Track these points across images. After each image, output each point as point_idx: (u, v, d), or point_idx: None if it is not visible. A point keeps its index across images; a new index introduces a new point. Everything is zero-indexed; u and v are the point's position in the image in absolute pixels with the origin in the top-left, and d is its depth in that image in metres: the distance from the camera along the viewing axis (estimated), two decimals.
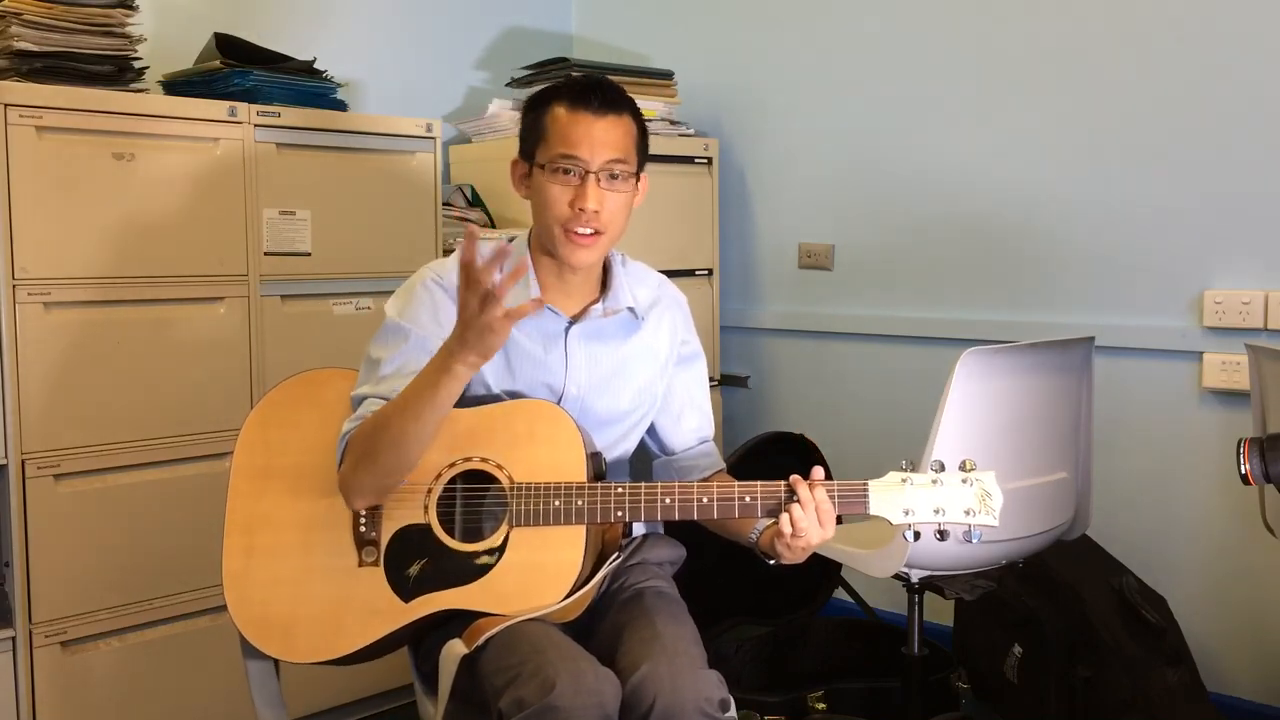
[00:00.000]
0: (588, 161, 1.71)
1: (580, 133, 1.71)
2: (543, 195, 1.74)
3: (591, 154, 1.71)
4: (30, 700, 2.28)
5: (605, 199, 1.72)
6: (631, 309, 1.83)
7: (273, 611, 1.69)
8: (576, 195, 1.71)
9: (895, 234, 3.18)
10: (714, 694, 1.56)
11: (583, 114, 1.72)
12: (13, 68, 2.28)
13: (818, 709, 2.62)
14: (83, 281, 2.31)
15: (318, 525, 1.70)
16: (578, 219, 1.71)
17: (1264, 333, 2.56)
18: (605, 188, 1.72)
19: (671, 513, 1.64)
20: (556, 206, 1.72)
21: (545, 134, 1.74)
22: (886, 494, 1.61)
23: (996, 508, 1.62)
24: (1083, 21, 2.81)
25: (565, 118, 1.73)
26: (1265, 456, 1.62)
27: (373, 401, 1.68)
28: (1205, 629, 2.66)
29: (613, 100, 1.75)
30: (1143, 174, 2.73)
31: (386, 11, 3.33)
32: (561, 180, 1.72)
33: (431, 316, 1.74)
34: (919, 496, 1.61)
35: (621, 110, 1.76)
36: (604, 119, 1.73)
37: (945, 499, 1.61)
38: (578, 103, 1.73)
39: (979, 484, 1.62)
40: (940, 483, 1.61)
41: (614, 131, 1.73)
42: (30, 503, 2.26)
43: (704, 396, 1.95)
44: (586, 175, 1.71)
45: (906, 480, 1.61)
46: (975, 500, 1.61)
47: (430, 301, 1.75)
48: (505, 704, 1.50)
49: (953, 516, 1.61)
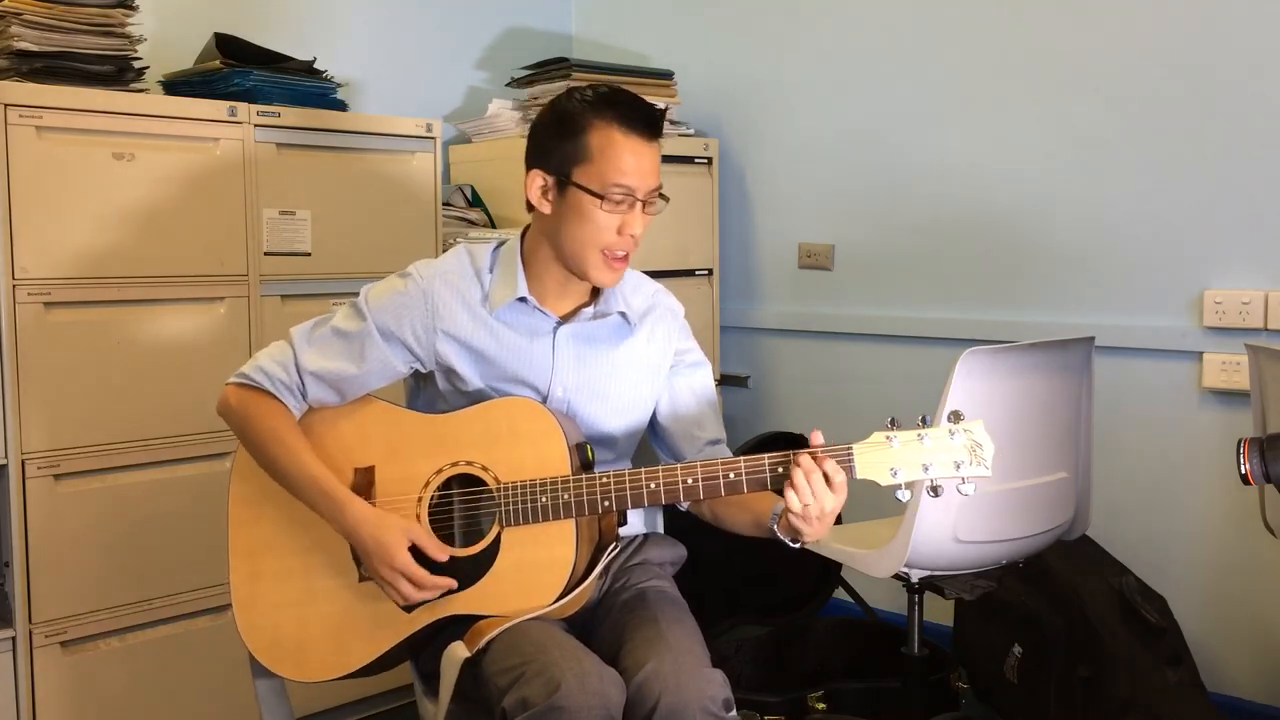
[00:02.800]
0: (638, 190, 1.69)
1: (633, 162, 1.68)
2: (584, 217, 1.69)
3: (643, 182, 1.69)
4: (30, 700, 2.28)
5: (646, 223, 1.72)
6: (623, 314, 1.81)
7: (283, 635, 1.71)
8: (625, 223, 1.69)
9: (895, 234, 3.18)
10: (718, 693, 1.56)
11: (637, 142, 1.68)
12: (13, 68, 2.28)
13: (818, 709, 2.62)
14: (83, 281, 2.31)
15: (316, 546, 1.72)
16: (622, 244, 1.71)
17: (1264, 333, 2.56)
18: (648, 213, 1.72)
19: (658, 497, 1.62)
20: (604, 233, 1.69)
21: (592, 155, 1.68)
22: (872, 455, 1.56)
23: (988, 457, 1.55)
24: (1083, 22, 2.81)
25: (618, 142, 1.67)
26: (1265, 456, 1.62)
27: (287, 364, 1.74)
28: (1205, 629, 2.66)
29: (660, 126, 1.72)
30: (1143, 174, 2.73)
31: (386, 11, 3.32)
32: (612, 208, 1.69)
33: (394, 315, 1.75)
34: (905, 454, 1.55)
35: (661, 134, 1.74)
36: (653, 145, 1.71)
37: (932, 454, 1.55)
38: (629, 128, 1.68)
39: (968, 435, 1.56)
40: (926, 438, 1.56)
41: (658, 159, 1.72)
42: (30, 503, 2.26)
43: (714, 404, 1.93)
44: (635, 203, 1.69)
45: (891, 438, 1.56)
46: (965, 452, 1.55)
47: (402, 301, 1.76)
48: (510, 703, 1.50)
49: (941, 471, 1.55)
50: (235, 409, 1.75)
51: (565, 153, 1.70)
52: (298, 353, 1.75)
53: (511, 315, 1.77)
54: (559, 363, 1.78)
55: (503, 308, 1.77)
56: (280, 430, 1.71)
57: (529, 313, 1.78)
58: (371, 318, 1.75)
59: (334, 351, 1.74)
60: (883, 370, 3.22)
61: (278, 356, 1.75)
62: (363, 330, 1.74)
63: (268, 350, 1.78)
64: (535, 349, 1.78)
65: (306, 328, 1.78)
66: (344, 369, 1.73)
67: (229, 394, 1.77)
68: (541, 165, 1.73)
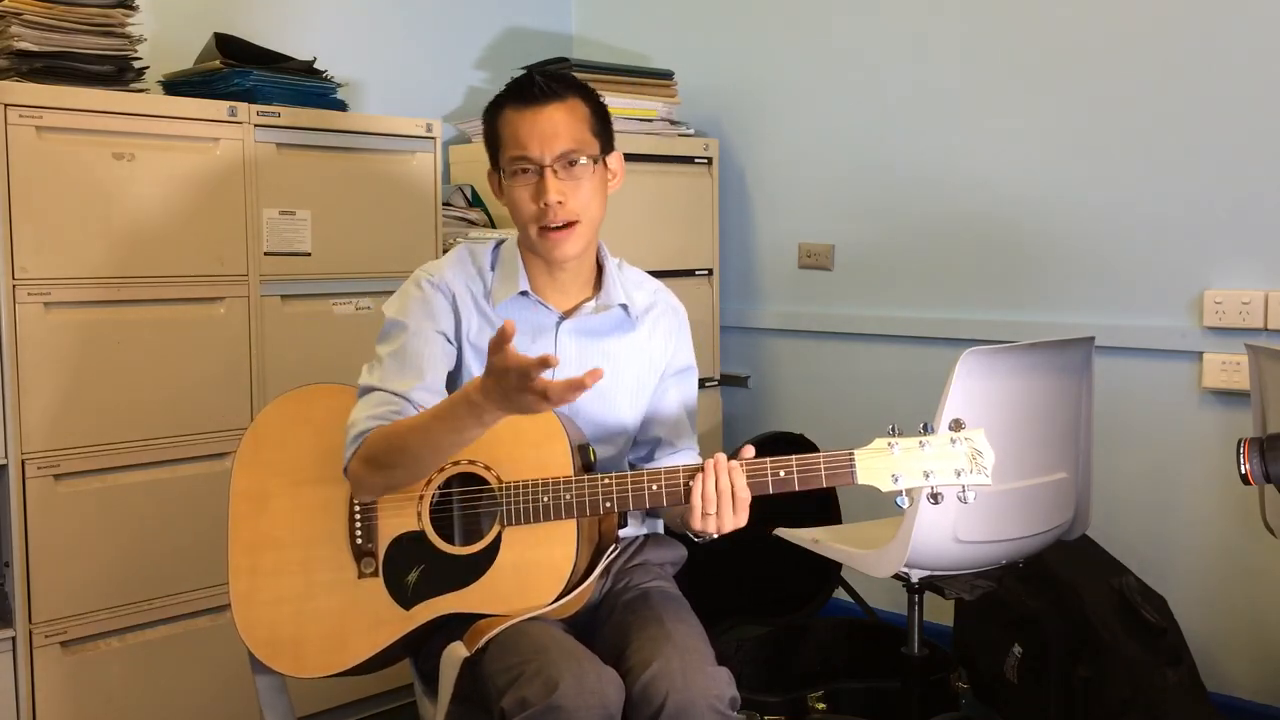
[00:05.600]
0: (540, 157, 1.72)
1: (526, 130, 1.72)
2: (510, 199, 1.76)
3: (542, 149, 1.71)
4: (30, 700, 2.28)
5: (568, 189, 1.72)
6: (625, 307, 1.83)
7: (281, 631, 1.71)
8: (537, 191, 1.72)
9: (895, 234, 3.18)
10: (725, 691, 1.57)
11: (524, 110, 1.73)
12: (13, 68, 2.28)
13: (818, 709, 2.62)
14: (83, 281, 2.31)
15: (316, 541, 1.72)
16: (545, 214, 1.72)
17: (1264, 333, 2.56)
18: (564, 178, 1.73)
19: (660, 499, 1.63)
20: (523, 207, 1.74)
21: (500, 139, 1.76)
22: (873, 461, 1.58)
23: (988, 465, 1.58)
24: (1082, 21, 2.81)
25: (512, 118, 1.74)
26: (1265, 456, 1.62)
27: (382, 395, 1.70)
28: (1205, 629, 2.66)
29: (552, 89, 1.74)
30: (1143, 174, 2.73)
31: (386, 11, 3.32)
32: (521, 181, 1.74)
33: (425, 312, 1.77)
34: (906, 461, 1.58)
35: (565, 95, 1.75)
36: (545, 110, 1.73)
37: (934, 461, 1.58)
38: (518, 101, 1.74)
39: (968, 443, 1.58)
40: (927, 445, 1.58)
41: (560, 120, 1.73)
42: (30, 503, 2.26)
43: (694, 414, 1.96)
44: (543, 170, 1.72)
45: (893, 445, 1.58)
46: (965, 460, 1.58)
47: (423, 298, 1.78)
48: (508, 703, 1.50)
49: (943, 478, 1.58)
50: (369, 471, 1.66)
51: (492, 147, 1.79)
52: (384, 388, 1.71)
53: (514, 311, 1.78)
54: (563, 357, 1.79)
55: (505, 303, 1.78)
56: (387, 438, 1.65)
57: (531, 307, 1.79)
58: (408, 321, 1.76)
59: (401, 367, 1.73)
60: (883, 370, 3.22)
61: (360, 411, 1.70)
62: (410, 333, 1.74)
63: (350, 418, 1.70)
64: (536, 341, 1.79)
65: (369, 382, 1.73)
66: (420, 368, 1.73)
67: (353, 473, 1.68)
68: (490, 164, 1.82)
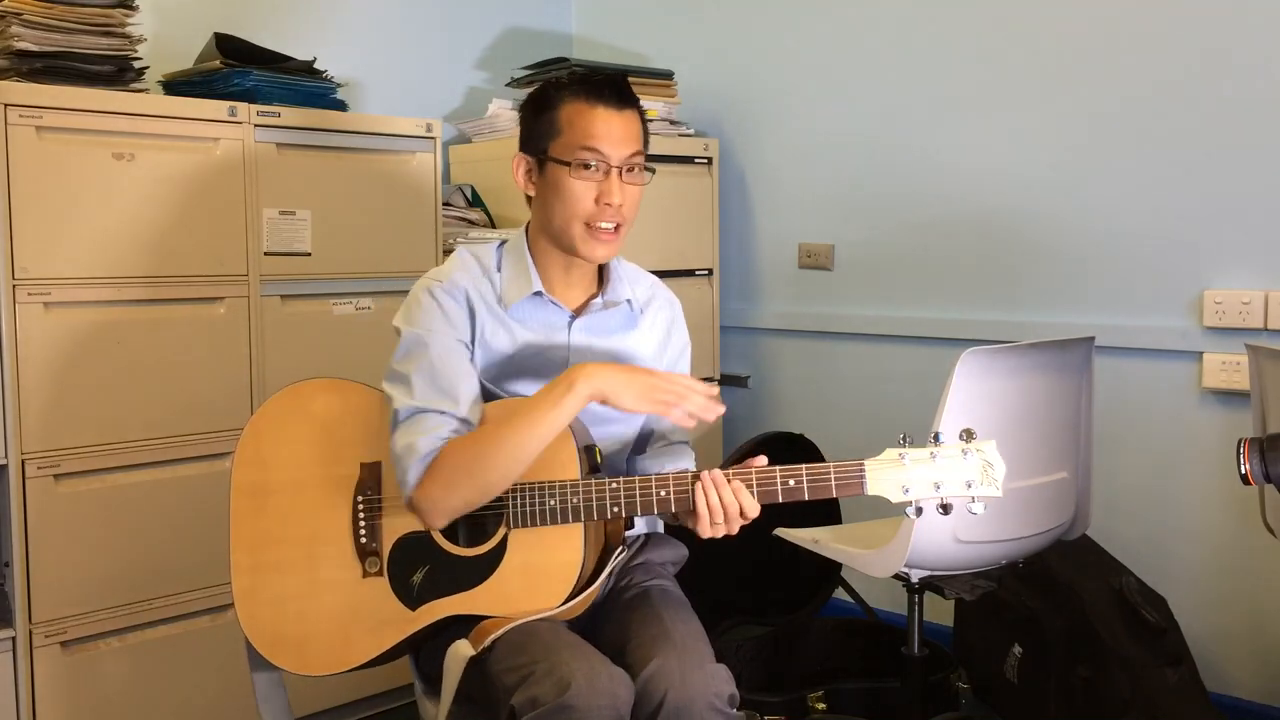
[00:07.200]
0: (610, 156, 1.71)
1: (602, 127, 1.72)
2: (562, 190, 1.72)
3: (614, 148, 1.72)
4: (30, 700, 2.28)
5: (628, 193, 1.73)
6: (629, 301, 1.84)
7: (285, 628, 1.70)
8: (602, 191, 1.72)
9: (895, 234, 3.18)
10: (724, 689, 1.57)
11: (602, 108, 1.72)
12: (13, 68, 2.27)
13: (818, 709, 2.62)
14: (83, 281, 2.30)
15: (320, 539, 1.71)
16: (602, 214, 1.72)
17: (1264, 333, 2.56)
18: (627, 181, 1.73)
19: (668, 505, 1.63)
20: (581, 203, 1.72)
21: (560, 128, 1.73)
22: (884, 472, 1.58)
23: (999, 477, 1.58)
24: (1082, 22, 2.81)
25: (585, 111, 1.72)
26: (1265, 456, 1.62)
27: (431, 416, 1.64)
28: (1205, 629, 2.66)
29: (628, 95, 1.77)
30: (1143, 174, 2.73)
31: (386, 11, 3.32)
32: (584, 175, 1.71)
33: (443, 320, 1.74)
34: (917, 472, 1.58)
35: (635, 104, 1.78)
36: (623, 113, 1.74)
37: (944, 473, 1.58)
38: (595, 97, 1.73)
39: (979, 454, 1.58)
40: (938, 456, 1.58)
41: (632, 125, 1.75)
42: (30, 503, 2.26)
43: None
44: (610, 170, 1.71)
45: (903, 456, 1.58)
46: (976, 471, 1.58)
47: (436, 306, 1.75)
48: (519, 702, 1.50)
49: (953, 490, 1.58)
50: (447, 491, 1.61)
51: (540, 131, 1.76)
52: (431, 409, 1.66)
53: (526, 311, 1.78)
54: (574, 358, 1.79)
55: (517, 304, 1.78)
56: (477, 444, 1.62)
57: (543, 306, 1.79)
58: (429, 336, 1.71)
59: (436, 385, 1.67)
60: (883, 370, 3.22)
61: (411, 435, 1.64)
62: (434, 345, 1.70)
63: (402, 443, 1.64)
64: (551, 340, 1.79)
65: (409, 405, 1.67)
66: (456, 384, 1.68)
67: (426, 497, 1.62)
68: (523, 148, 1.79)
